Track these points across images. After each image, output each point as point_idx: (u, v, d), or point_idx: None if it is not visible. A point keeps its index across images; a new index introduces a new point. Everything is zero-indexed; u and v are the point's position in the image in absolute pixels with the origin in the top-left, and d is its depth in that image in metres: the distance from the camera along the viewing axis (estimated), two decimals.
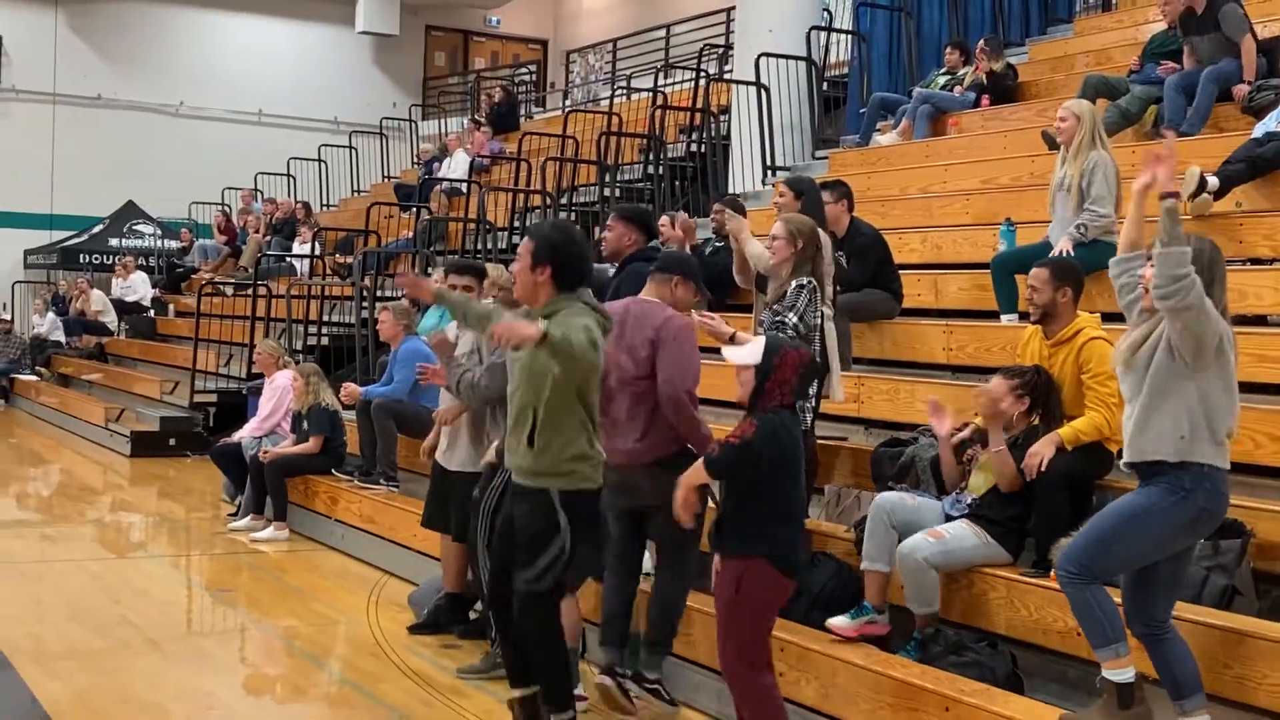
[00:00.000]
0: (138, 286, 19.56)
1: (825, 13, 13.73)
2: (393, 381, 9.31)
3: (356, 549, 8.85)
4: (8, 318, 20.85)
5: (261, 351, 10.68)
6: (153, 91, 24.44)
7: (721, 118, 14.04)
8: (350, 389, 9.48)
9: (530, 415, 4.84)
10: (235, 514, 9.86)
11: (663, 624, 5.58)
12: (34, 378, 17.99)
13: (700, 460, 4.72)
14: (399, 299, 10.62)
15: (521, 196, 14.99)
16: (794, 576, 4.73)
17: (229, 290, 17.85)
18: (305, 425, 9.75)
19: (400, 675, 6.25)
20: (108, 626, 7.12)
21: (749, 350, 4.71)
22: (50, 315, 19.69)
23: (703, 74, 14.83)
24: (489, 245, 14.21)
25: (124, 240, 22.35)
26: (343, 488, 9.31)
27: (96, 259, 21.70)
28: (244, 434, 10.18)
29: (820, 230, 6.50)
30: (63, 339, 19.00)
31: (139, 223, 23.06)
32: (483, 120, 19.94)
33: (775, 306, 6.22)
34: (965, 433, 5.65)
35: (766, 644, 4.69)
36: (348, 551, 8.93)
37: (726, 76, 14.29)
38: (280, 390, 10.16)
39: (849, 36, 13.63)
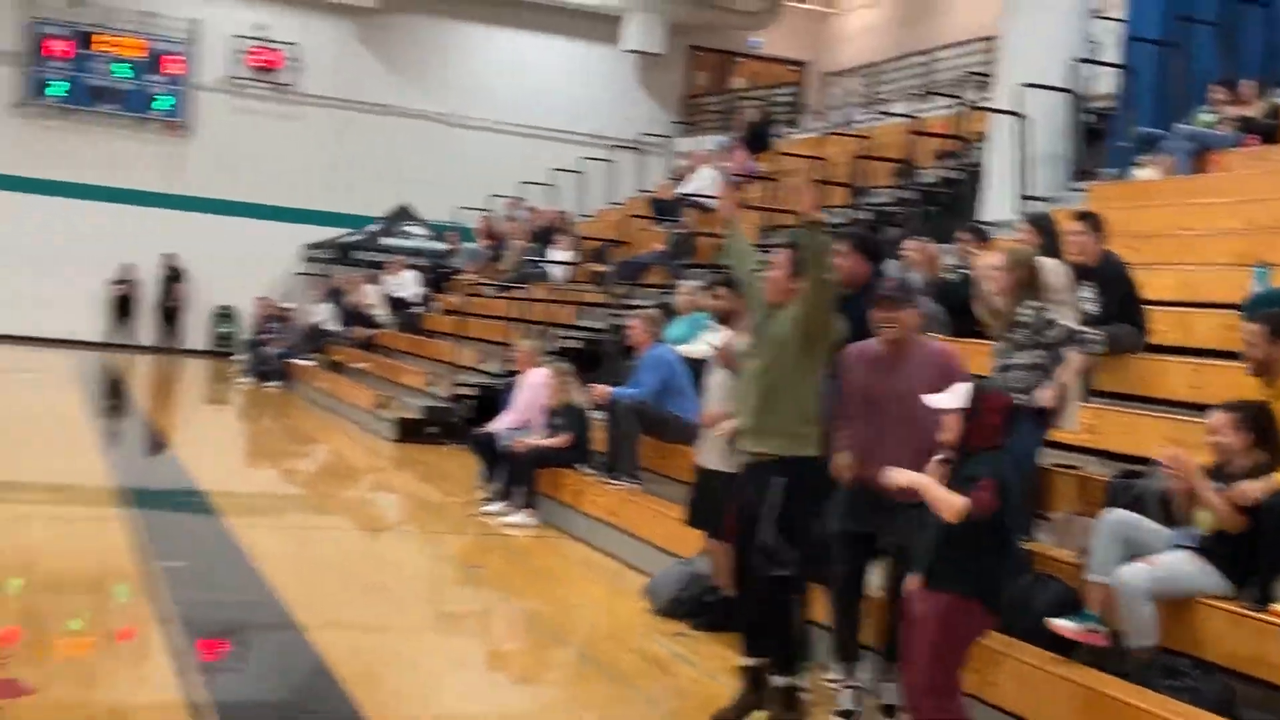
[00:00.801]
0: (407, 284, 20.77)
1: (1091, 44, 13.63)
2: (640, 385, 9.81)
3: (598, 540, 9.34)
4: (289, 306, 22.44)
5: (521, 349, 11.33)
6: (430, 101, 25.84)
7: (977, 145, 14.10)
8: (600, 390, 10.02)
9: (769, 382, 5.30)
10: (489, 499, 10.50)
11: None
12: (309, 363, 19.29)
13: (963, 501, 4.63)
14: (649, 308, 11.12)
15: (771, 215, 15.36)
16: (999, 613, 4.84)
17: (490, 292, 18.80)
18: (557, 421, 10.33)
19: (638, 658, 6.68)
20: (373, 594, 7.79)
21: (953, 395, 4.83)
22: (326, 306, 21.08)
23: (962, 101, 14.91)
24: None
25: (396, 240, 23.71)
26: (588, 482, 9.83)
27: (371, 256, 23.06)
28: (499, 426, 10.83)
29: (1048, 260, 6.63)
30: (336, 329, 20.30)
31: (410, 224, 24.43)
32: (740, 138, 20.37)
33: (1035, 339, 6.37)
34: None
35: (959, 674, 4.82)
36: (590, 541, 9.43)
37: (985, 104, 14.33)
38: (535, 387, 10.77)
39: (1114, 69, 13.50)
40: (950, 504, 4.60)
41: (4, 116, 23.64)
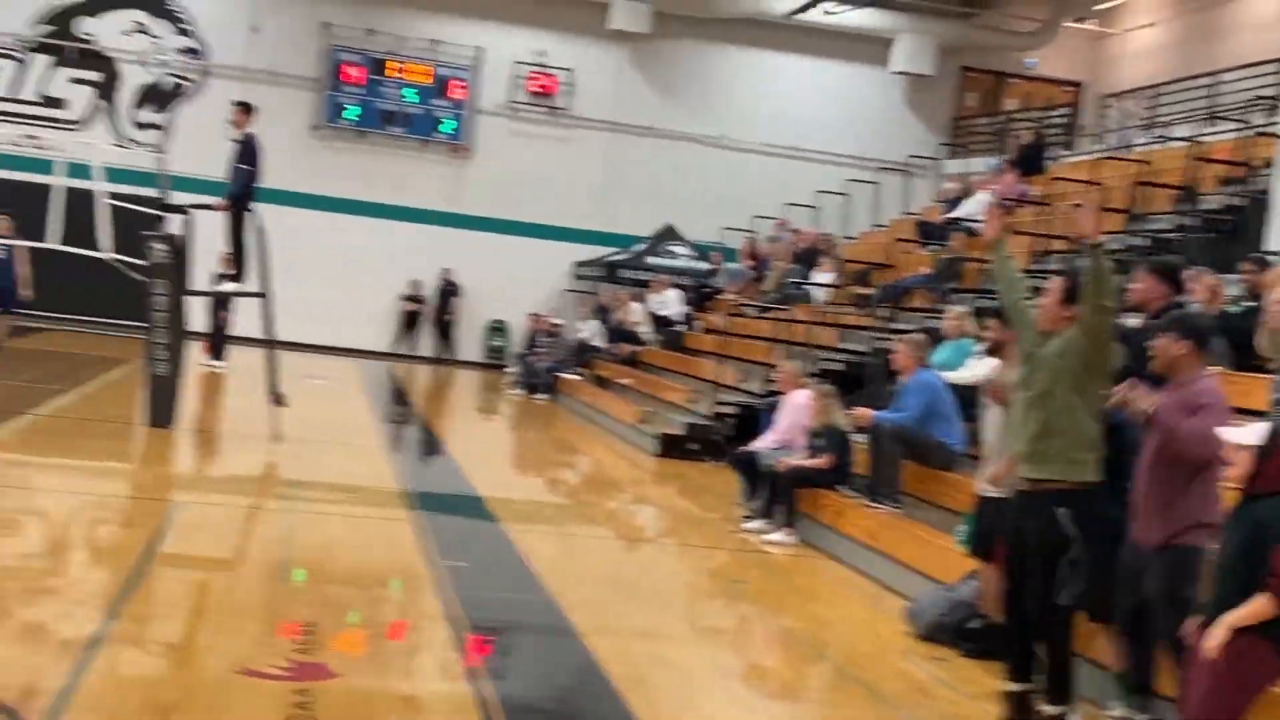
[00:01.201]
0: (671, 303, 21.25)
1: None
2: (904, 409, 9.86)
3: (857, 561, 9.43)
4: (558, 322, 23.28)
5: (784, 370, 11.53)
6: (698, 124, 26.35)
7: (1264, 172, 13.56)
8: (863, 412, 10.12)
9: (1046, 409, 5.45)
10: (749, 516, 10.72)
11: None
12: (576, 377, 19.97)
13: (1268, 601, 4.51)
14: (914, 332, 11.14)
15: (1044, 240, 15.12)
16: None
17: (752, 312, 19.07)
18: (818, 442, 10.48)
19: (899, 680, 6.77)
20: (638, 601, 8.12)
21: (1250, 431, 4.73)
22: (593, 322, 21.77)
23: (1248, 125, 14.37)
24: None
25: (661, 259, 24.26)
26: (849, 504, 9.94)
27: (636, 275, 23.67)
28: (761, 445, 11.05)
29: None
30: (602, 345, 20.94)
31: (674, 244, 24.95)
32: (1012, 160, 20.05)
33: None
34: None
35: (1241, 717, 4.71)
36: (849, 563, 9.54)
37: (1273, 129, 13.77)
38: (797, 408, 10.95)
39: None
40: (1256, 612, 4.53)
41: (303, 138, 25.26)
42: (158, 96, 25.06)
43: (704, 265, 23.68)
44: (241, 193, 12.36)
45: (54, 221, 15.27)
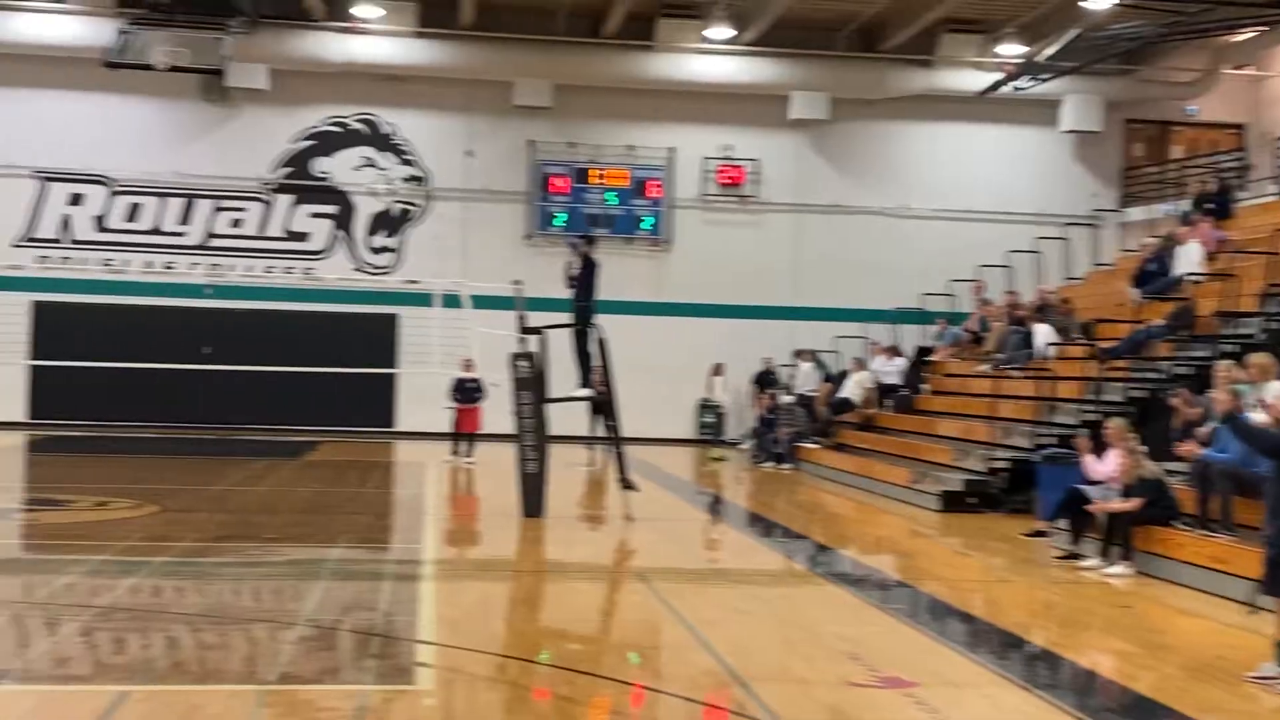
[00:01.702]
0: (892, 368, 22.88)
1: None
2: (1225, 449, 11.34)
3: (1207, 585, 10.85)
4: (788, 393, 24.70)
5: (1111, 427, 12.89)
6: (878, 197, 28.08)
7: None
8: (1189, 448, 11.60)
9: None
10: (1070, 555, 12.22)
11: None
12: (815, 445, 21.60)
13: None
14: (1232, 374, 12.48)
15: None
16: None
17: (978, 371, 20.56)
18: (1134, 489, 11.97)
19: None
20: (1077, 628, 9.66)
21: None
22: (821, 391, 23.42)
23: None
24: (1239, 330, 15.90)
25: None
26: (1185, 536, 11.39)
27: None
28: (1089, 489, 12.54)
29: None
30: (828, 414, 22.55)
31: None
32: (1203, 208, 21.36)
33: None
34: None
35: None
36: (1198, 587, 10.96)
37: None
38: (1111, 458, 12.48)
39: None
40: None
41: (518, 246, 27.40)
42: (388, 222, 27.42)
43: (927, 328, 25.19)
44: (584, 310, 14.25)
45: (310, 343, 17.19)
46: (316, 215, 27.17)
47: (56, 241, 26.38)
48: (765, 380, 25.15)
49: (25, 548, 12.11)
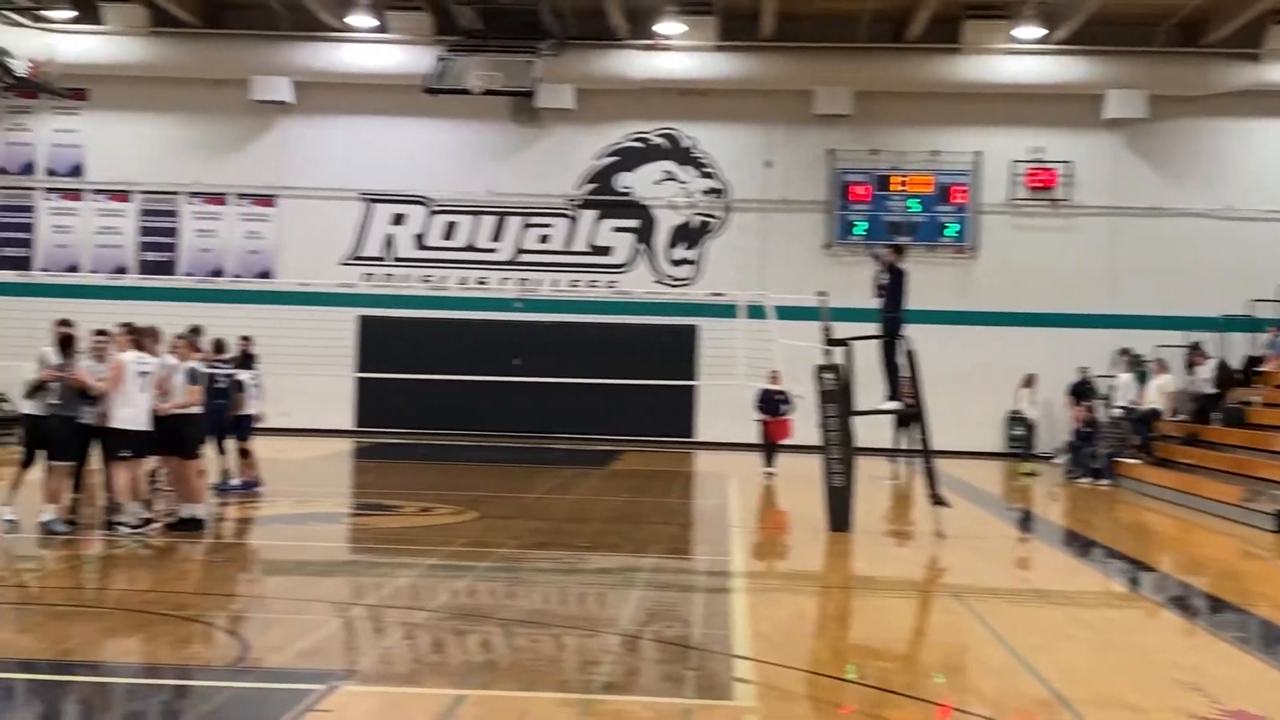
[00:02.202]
0: (1204, 376, 21.61)
1: None
2: None
3: None
4: (1111, 407, 23.59)
5: None
6: (1201, 198, 26.56)
7: None
8: None
9: None
10: None
11: None
12: (1135, 460, 20.57)
13: None
14: None
15: None
16: None
17: None
18: None
19: None
20: None
21: None
22: (1133, 405, 22.31)
23: None
24: None
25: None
26: None
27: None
28: None
29: None
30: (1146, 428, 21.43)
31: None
32: None
33: None
34: None
35: None
36: None
37: None
38: None
39: None
40: None
41: (817, 256, 27.24)
42: (688, 235, 27.77)
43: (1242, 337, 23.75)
44: (892, 321, 13.99)
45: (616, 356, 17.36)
46: (619, 229, 27.77)
47: (380, 259, 27.90)
48: (1082, 391, 24.11)
49: (361, 551, 12.78)
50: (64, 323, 12.71)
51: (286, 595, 10.06)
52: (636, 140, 27.77)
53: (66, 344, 12.50)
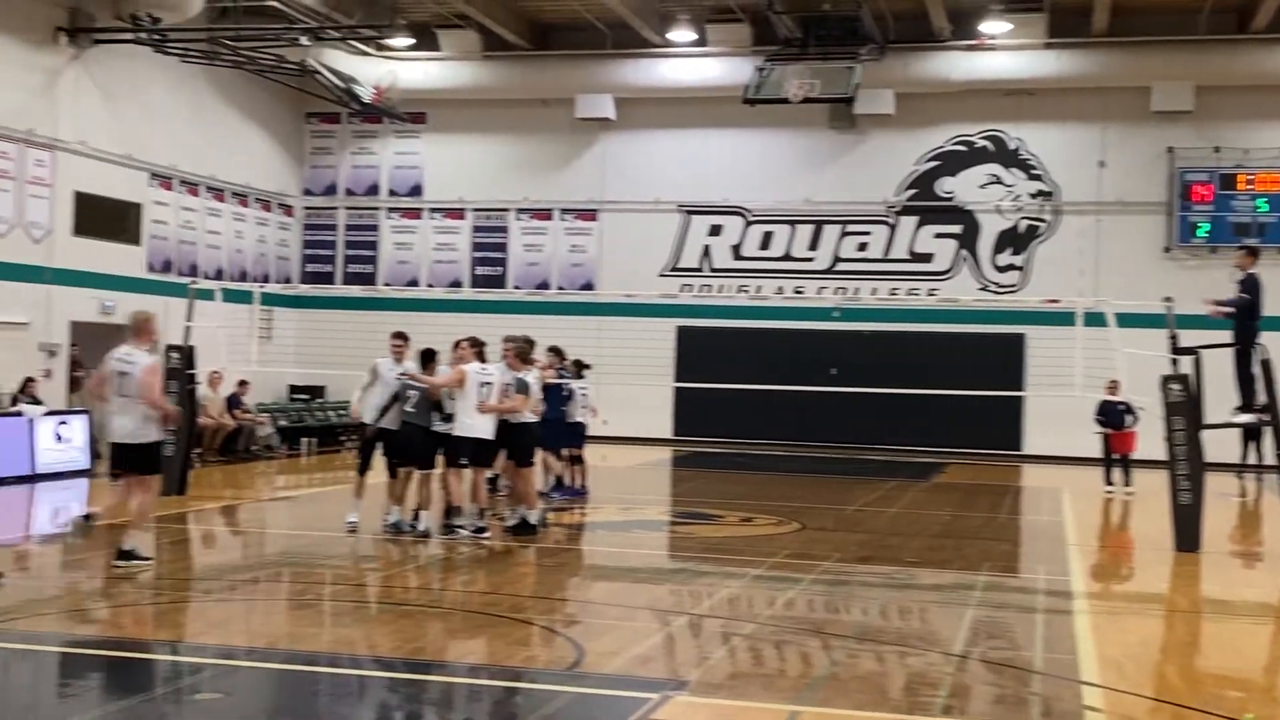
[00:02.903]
0: None
1: None
2: None
3: None
4: None
5: None
6: None
7: None
8: None
9: None
10: None
11: None
12: None
13: None
14: None
15: None
16: None
17: None
18: None
19: None
20: None
21: None
22: None
23: None
24: None
25: None
26: None
27: None
28: None
29: None
30: None
31: None
32: None
33: None
34: None
35: None
36: None
37: None
38: None
39: None
40: None
41: (1155, 260, 25.81)
42: (1014, 239, 26.82)
43: None
44: (1246, 328, 13.02)
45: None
46: (940, 235, 27.10)
47: (698, 270, 28.17)
48: None
49: (685, 559, 12.84)
50: (399, 335, 13.29)
51: (616, 601, 10.18)
52: (959, 144, 27.03)
53: (429, 358, 13.07)
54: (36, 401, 18.90)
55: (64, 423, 18.51)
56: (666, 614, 9.67)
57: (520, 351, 13.59)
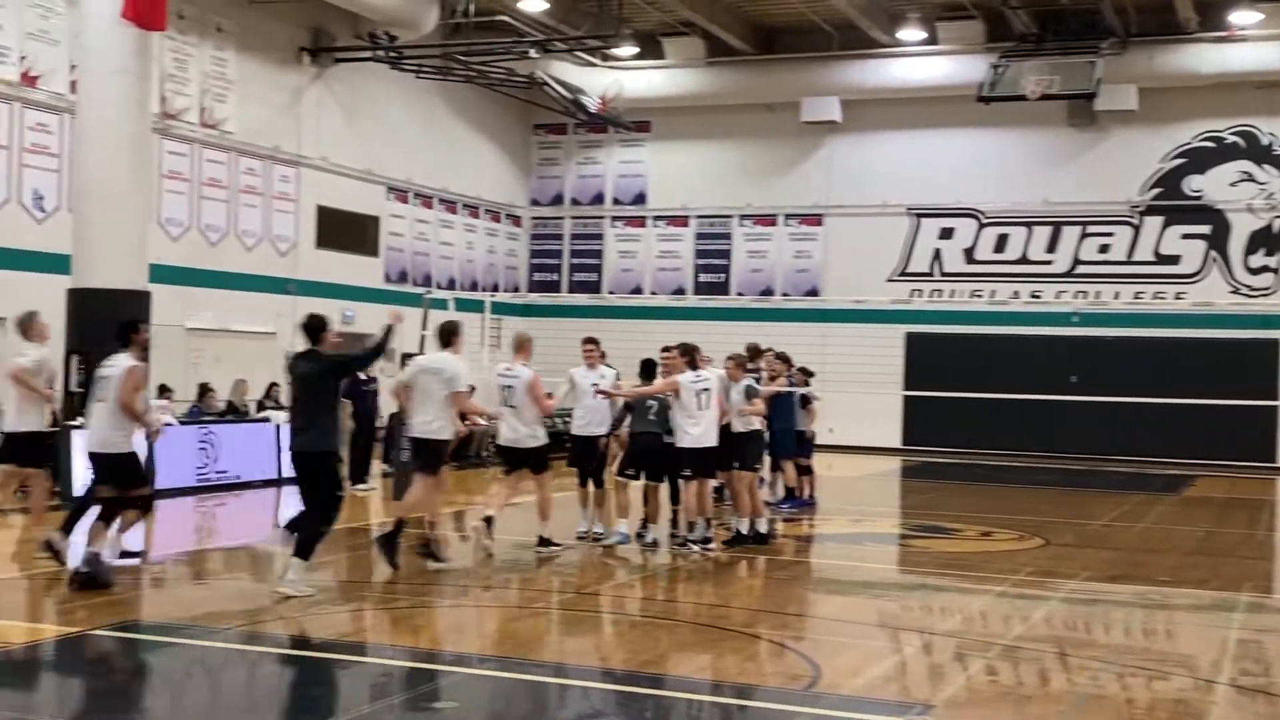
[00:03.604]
0: None
1: None
2: None
3: None
4: None
5: None
6: None
7: None
8: None
9: None
10: None
11: None
12: None
13: None
14: None
15: None
16: None
17: None
18: None
19: None
20: None
21: None
22: None
23: None
24: None
25: None
26: None
27: None
28: None
29: None
30: None
31: None
32: None
33: None
34: None
35: None
36: None
37: None
38: None
39: None
40: None
41: None
42: (1269, 240, 25.29)
43: None
44: None
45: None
46: (1188, 236, 25.77)
47: (928, 274, 27.45)
48: None
49: (922, 574, 12.35)
50: (590, 340, 13.18)
51: (852, 617, 9.84)
52: (1207, 139, 25.64)
53: (649, 370, 12.99)
54: (281, 408, 19.61)
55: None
56: (905, 632, 9.29)
57: (742, 361, 13.39)
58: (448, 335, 11.42)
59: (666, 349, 12.82)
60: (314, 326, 9.90)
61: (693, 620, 9.55)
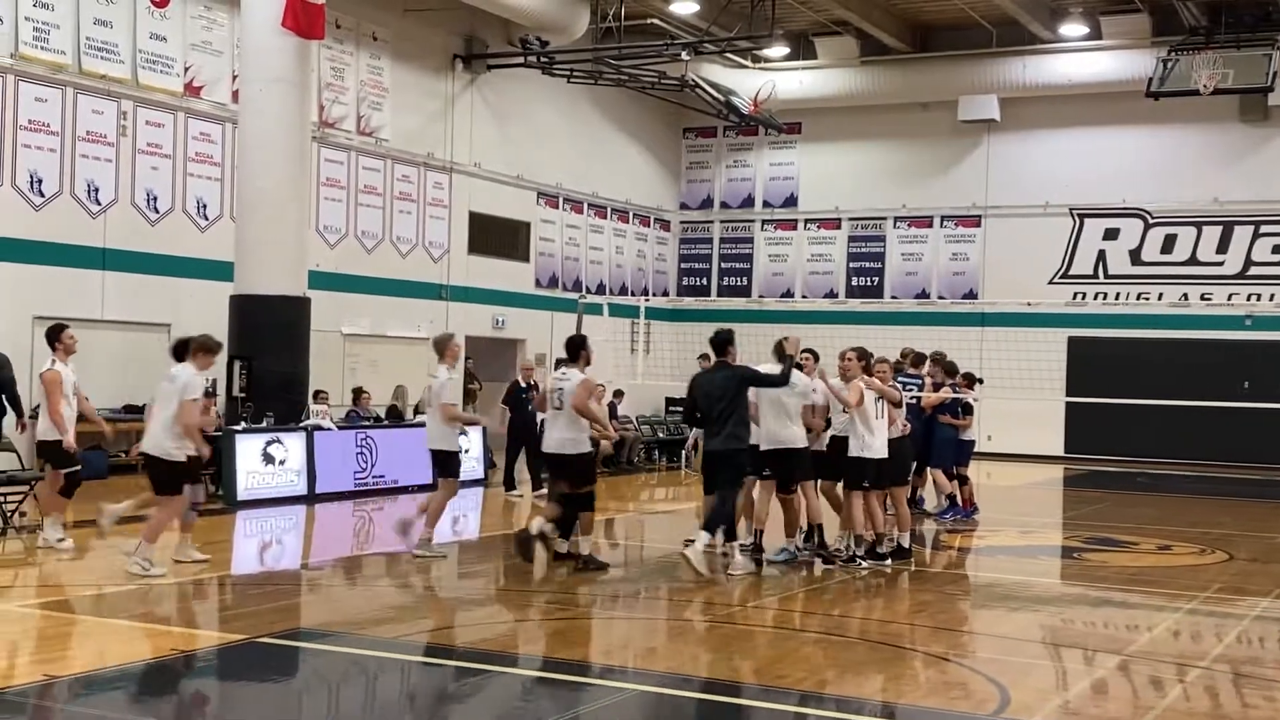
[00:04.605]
0: None
1: None
2: None
3: None
4: None
5: None
6: None
7: None
8: None
9: None
10: None
11: None
12: None
13: None
14: None
15: None
16: None
17: None
18: None
19: None
20: None
21: None
22: None
23: None
24: None
25: None
26: None
27: None
28: None
29: None
30: None
31: None
32: None
33: None
34: None
35: None
36: None
37: None
38: None
39: None
40: None
41: None
42: None
43: None
44: None
45: None
46: None
47: (1092, 276, 26.53)
48: None
49: (1102, 590, 11.73)
50: (808, 351, 12.49)
51: (1033, 635, 9.35)
52: None
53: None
54: None
55: (462, 433, 19.10)
56: (1094, 652, 8.78)
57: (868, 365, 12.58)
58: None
59: (845, 354, 12.12)
60: (721, 340, 11.34)
61: (866, 638, 9.16)
